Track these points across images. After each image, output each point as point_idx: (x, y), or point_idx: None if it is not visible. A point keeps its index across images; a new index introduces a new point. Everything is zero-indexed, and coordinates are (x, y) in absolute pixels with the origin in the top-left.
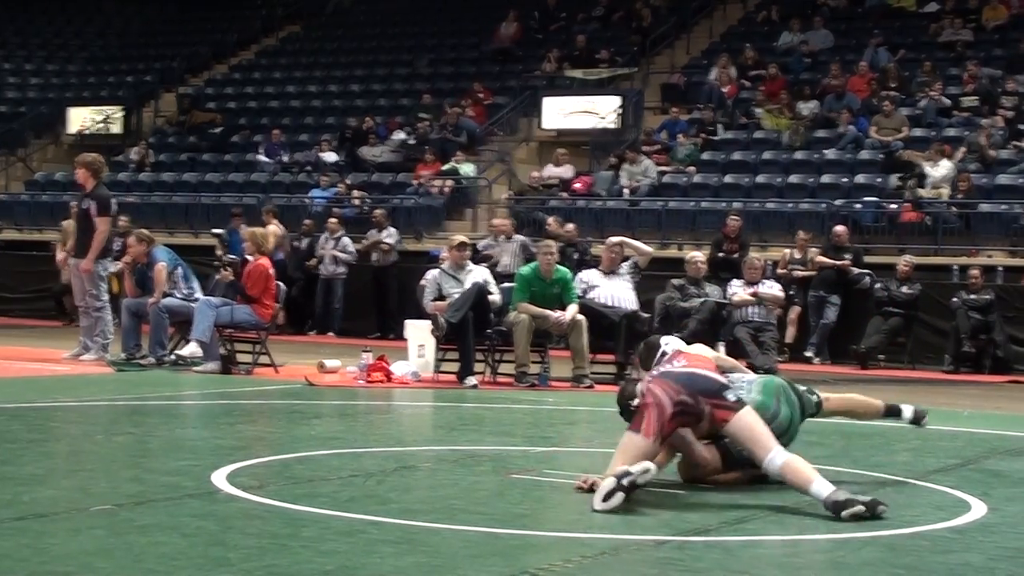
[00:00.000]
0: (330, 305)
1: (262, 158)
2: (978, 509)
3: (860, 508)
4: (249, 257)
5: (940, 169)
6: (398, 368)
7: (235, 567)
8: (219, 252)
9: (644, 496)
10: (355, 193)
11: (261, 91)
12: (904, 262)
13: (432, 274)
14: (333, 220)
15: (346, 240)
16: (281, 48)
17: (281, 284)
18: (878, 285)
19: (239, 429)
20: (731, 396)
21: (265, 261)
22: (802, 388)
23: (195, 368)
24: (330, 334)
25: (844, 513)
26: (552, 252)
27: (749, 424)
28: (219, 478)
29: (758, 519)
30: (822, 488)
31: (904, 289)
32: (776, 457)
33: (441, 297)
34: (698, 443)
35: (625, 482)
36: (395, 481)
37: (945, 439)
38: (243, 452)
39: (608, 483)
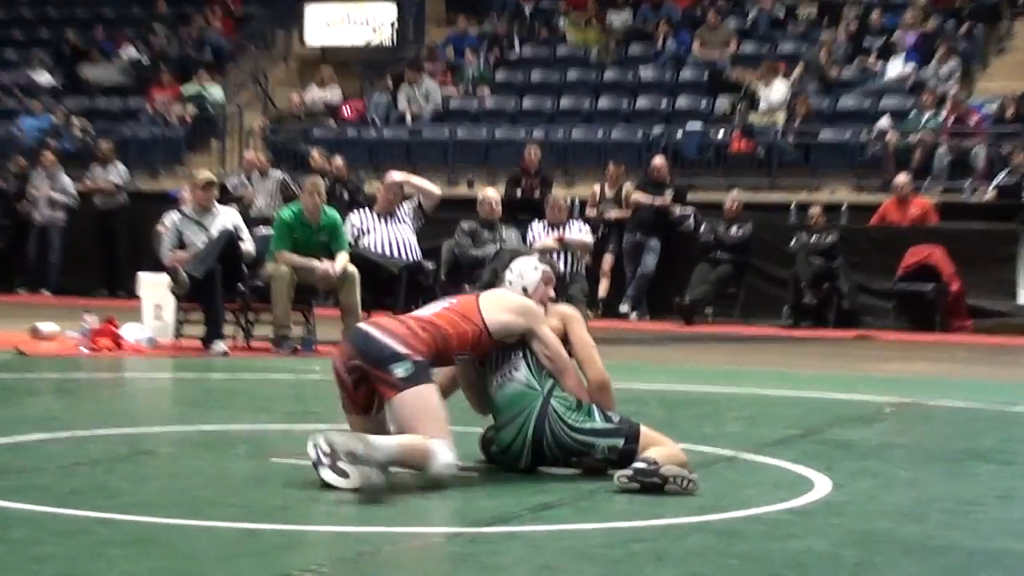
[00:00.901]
0: (45, 257)
1: None
2: (822, 486)
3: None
4: None
5: (774, 91)
6: (130, 333)
7: None
8: None
9: (422, 480)
10: (75, 122)
11: None
12: (732, 199)
13: (171, 219)
14: (48, 155)
15: (65, 179)
16: None
17: None
18: (704, 227)
19: None
20: (398, 371)
21: None
22: (598, 423)
23: None
24: (45, 292)
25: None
26: (318, 192)
27: (413, 408)
28: None
29: (566, 505)
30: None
31: (734, 231)
32: (438, 452)
33: (182, 246)
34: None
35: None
36: (128, 469)
37: (784, 406)
38: None
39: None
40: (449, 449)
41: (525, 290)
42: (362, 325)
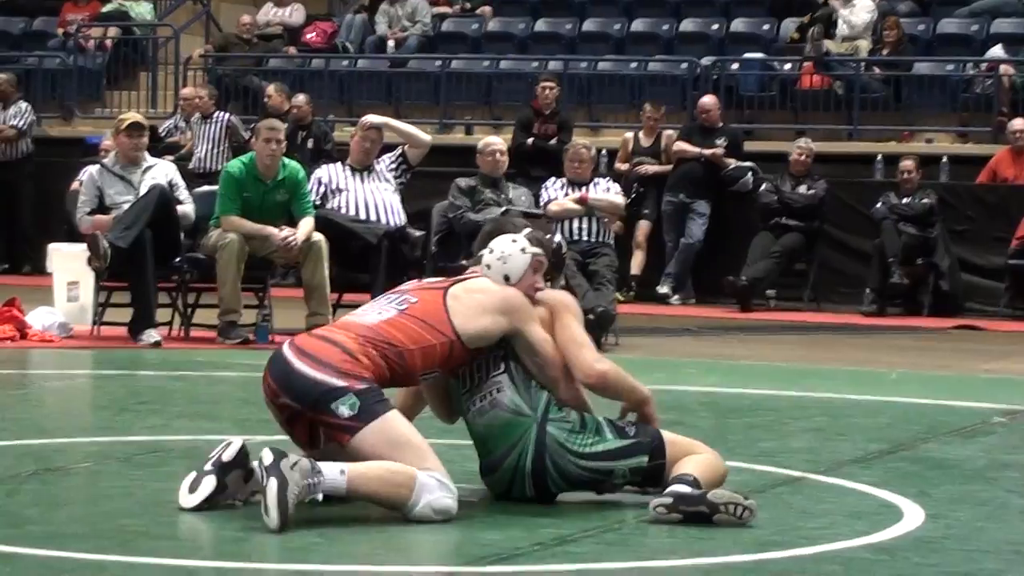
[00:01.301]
0: None
1: None
2: (913, 517)
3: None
4: None
5: (857, 10)
6: (37, 318)
7: None
8: None
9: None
10: None
11: None
12: (800, 149)
13: (90, 173)
14: None
15: None
16: None
17: None
18: (765, 186)
19: None
20: (342, 409)
21: None
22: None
23: None
24: None
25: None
26: (276, 138)
27: (378, 448)
28: None
29: (589, 538)
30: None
31: (803, 191)
32: (425, 486)
33: (104, 209)
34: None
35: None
36: (36, 491)
37: (865, 414)
38: None
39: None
40: (448, 495)
41: (507, 278)
42: (284, 352)
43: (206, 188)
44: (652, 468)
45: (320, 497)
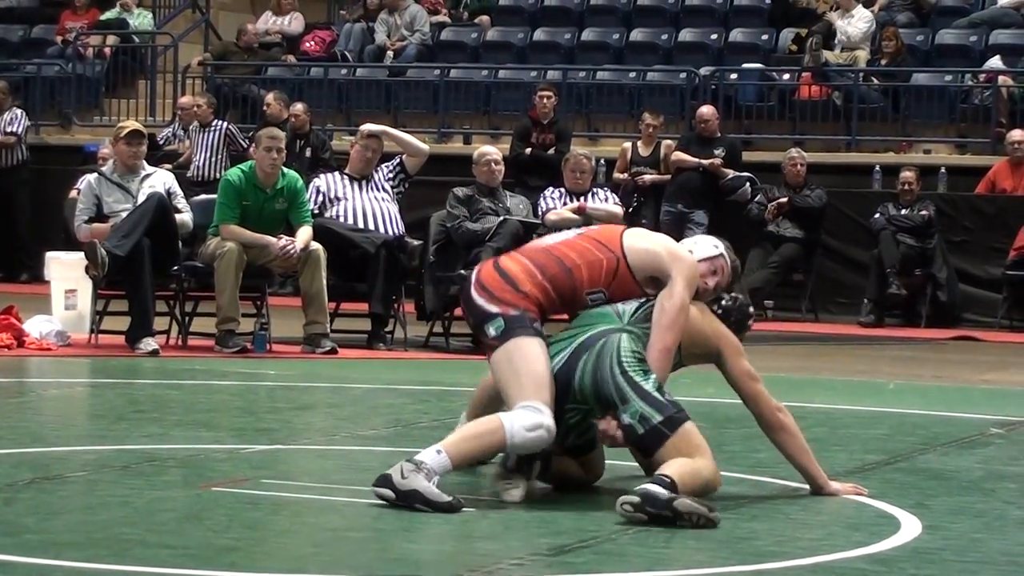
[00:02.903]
0: None
1: None
2: (910, 528)
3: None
4: None
5: (855, 21)
6: (35, 326)
7: None
8: None
9: (408, 520)
10: None
11: None
12: (791, 158)
13: (88, 181)
14: None
15: None
16: None
17: None
18: (761, 195)
19: None
20: (490, 330)
21: None
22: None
23: None
24: None
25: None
26: (276, 147)
27: (501, 368)
28: None
29: (586, 548)
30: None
31: (800, 201)
32: (513, 422)
33: (102, 217)
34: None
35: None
36: (33, 499)
37: (862, 425)
38: None
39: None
40: (533, 411)
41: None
42: (469, 282)
43: (204, 196)
44: (655, 432)
45: (437, 479)
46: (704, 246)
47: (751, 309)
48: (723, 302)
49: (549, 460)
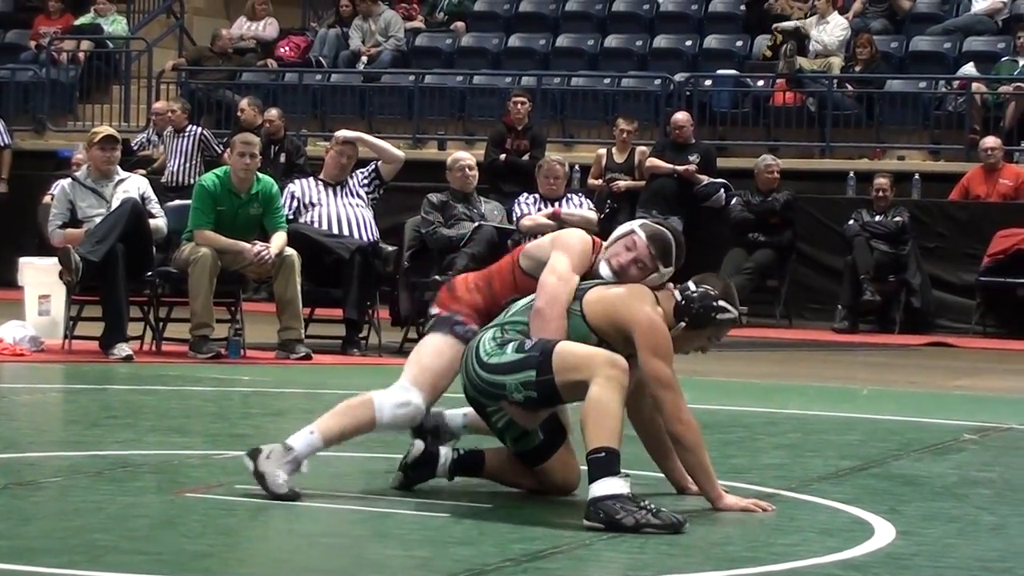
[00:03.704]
0: None
1: None
2: (884, 533)
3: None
4: None
5: (829, 28)
6: (8, 332)
7: None
8: None
9: (383, 525)
10: None
11: None
12: (767, 165)
13: (62, 187)
14: None
15: None
16: None
17: None
18: (737, 201)
19: None
20: (427, 325)
21: None
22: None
23: None
24: None
25: None
26: (252, 153)
27: (417, 347)
28: None
29: (560, 553)
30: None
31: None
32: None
33: (75, 222)
34: None
35: None
36: (6, 506)
37: (836, 431)
38: None
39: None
40: (403, 390)
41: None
42: None
43: (178, 202)
44: (541, 383)
45: (305, 468)
46: (620, 228)
47: (719, 303)
48: (688, 291)
49: (481, 460)
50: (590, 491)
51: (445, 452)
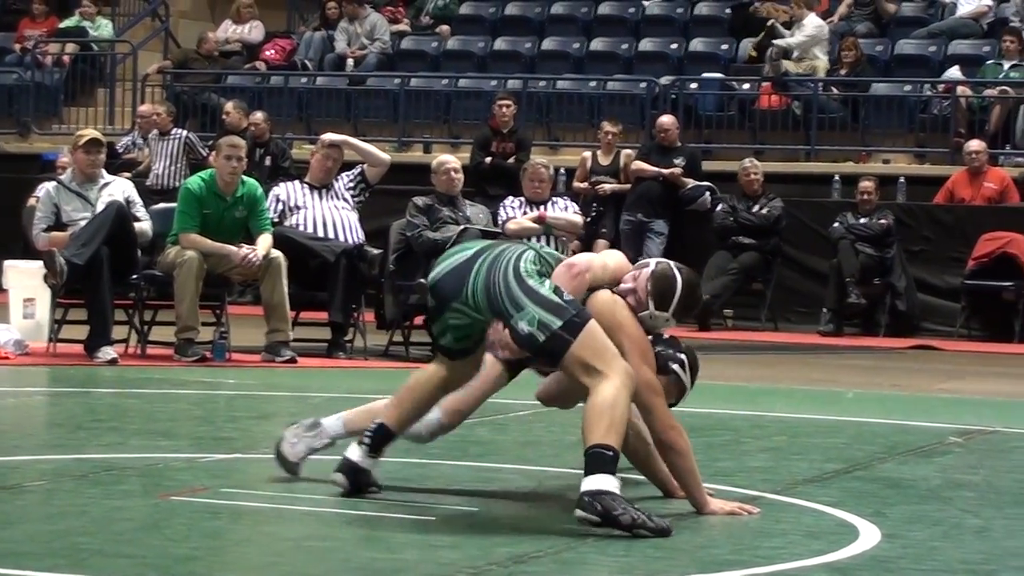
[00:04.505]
0: None
1: None
2: (868, 536)
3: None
4: None
5: (812, 31)
6: None
7: None
8: None
9: (368, 528)
10: None
11: None
12: (744, 168)
13: (46, 190)
14: None
15: None
16: None
17: None
18: (721, 206)
19: None
20: None
21: None
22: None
23: None
24: None
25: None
26: (238, 156)
27: None
28: None
29: (546, 556)
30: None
31: (759, 210)
32: None
33: (60, 226)
34: None
35: None
36: None
37: (821, 434)
38: None
39: None
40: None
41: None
42: None
43: (163, 205)
44: (557, 337)
45: (324, 443)
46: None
47: (676, 366)
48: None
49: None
50: (585, 483)
51: (358, 454)
